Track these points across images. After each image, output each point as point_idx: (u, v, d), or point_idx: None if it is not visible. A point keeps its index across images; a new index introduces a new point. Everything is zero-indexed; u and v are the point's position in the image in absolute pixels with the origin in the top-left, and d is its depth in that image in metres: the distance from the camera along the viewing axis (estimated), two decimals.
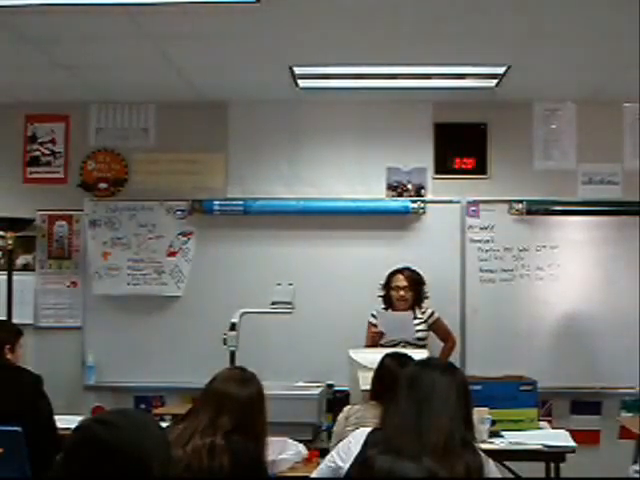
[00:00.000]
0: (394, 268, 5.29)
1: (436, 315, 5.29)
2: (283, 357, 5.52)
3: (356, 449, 2.59)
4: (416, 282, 5.25)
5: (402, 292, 5.20)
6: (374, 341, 5.09)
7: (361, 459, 1.63)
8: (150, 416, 2.02)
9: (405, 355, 3.66)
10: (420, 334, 5.15)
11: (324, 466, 2.90)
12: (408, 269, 5.28)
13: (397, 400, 2.47)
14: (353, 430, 3.33)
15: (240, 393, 2.78)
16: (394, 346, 4.92)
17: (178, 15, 4.08)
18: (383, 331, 5.07)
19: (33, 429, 3.46)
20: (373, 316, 5.26)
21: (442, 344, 5.34)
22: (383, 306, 5.29)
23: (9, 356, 3.86)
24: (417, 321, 5.19)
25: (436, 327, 5.31)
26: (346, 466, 2.67)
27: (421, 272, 5.28)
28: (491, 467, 2.49)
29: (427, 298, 5.30)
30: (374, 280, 5.47)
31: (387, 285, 5.27)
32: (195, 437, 2.67)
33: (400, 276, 5.24)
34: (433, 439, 2.32)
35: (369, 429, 2.67)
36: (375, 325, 5.21)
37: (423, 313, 5.25)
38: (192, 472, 2.59)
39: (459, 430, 2.37)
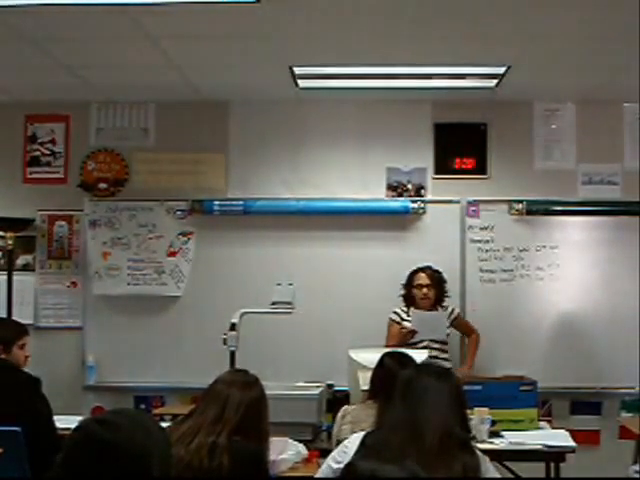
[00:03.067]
0: (416, 267, 5.33)
1: (457, 311, 5.38)
2: (283, 357, 5.52)
3: (352, 451, 2.61)
4: (438, 280, 5.30)
5: (425, 290, 5.24)
6: (404, 339, 5.09)
7: (347, 463, 1.66)
8: (150, 416, 2.02)
9: (405, 355, 3.67)
10: (446, 331, 5.22)
11: (323, 469, 2.93)
12: (430, 268, 5.33)
13: (393, 403, 2.50)
14: (349, 428, 3.36)
15: (244, 396, 2.81)
16: (417, 344, 5.00)
17: (178, 15, 4.08)
18: (416, 330, 5.10)
19: (32, 430, 3.45)
20: (395, 313, 5.28)
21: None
22: (404, 306, 5.31)
23: (3, 355, 3.81)
24: None
25: (457, 323, 5.38)
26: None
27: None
28: (489, 467, 2.50)
29: (448, 297, 5.33)
30: (374, 280, 5.48)
31: (409, 284, 5.29)
32: (200, 435, 2.69)
33: (423, 274, 5.28)
34: (429, 438, 2.33)
35: (365, 432, 2.69)
36: (398, 323, 5.23)
37: (445, 311, 5.28)
38: (192, 471, 2.60)
39: (455, 430, 2.39)
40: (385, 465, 1.59)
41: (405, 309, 5.31)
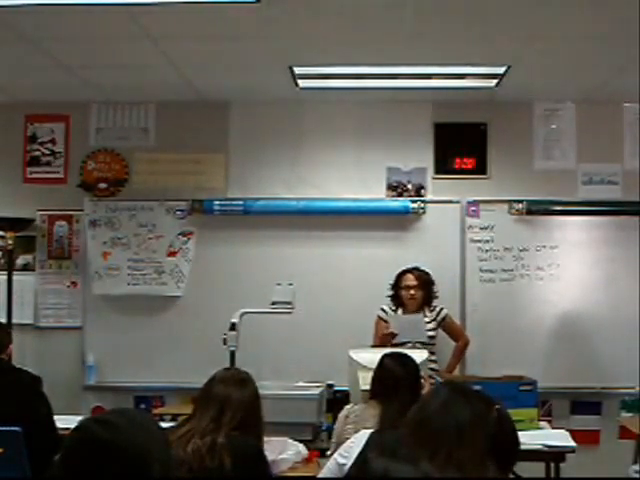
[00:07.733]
0: (403, 268, 5.30)
1: (444, 312, 5.32)
2: (283, 357, 5.52)
3: (357, 449, 2.62)
4: (426, 282, 5.28)
5: (412, 291, 5.22)
6: (384, 341, 5.05)
7: (359, 461, 1.65)
8: (150, 416, 2.02)
9: (405, 355, 3.66)
10: (430, 333, 5.19)
11: (327, 468, 2.93)
12: (417, 269, 5.31)
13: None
14: (352, 428, 3.36)
15: (241, 394, 2.84)
16: (402, 345, 4.95)
17: (178, 15, 4.09)
18: (395, 332, 5.07)
19: (32, 430, 3.45)
20: (383, 310, 5.28)
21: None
22: (392, 306, 5.31)
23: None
24: (427, 319, 5.21)
25: (446, 325, 5.33)
26: (348, 463, 2.71)
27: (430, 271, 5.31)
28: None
29: (437, 297, 5.32)
30: (374, 280, 5.47)
31: (396, 285, 5.28)
32: (198, 436, 2.70)
33: (410, 275, 5.27)
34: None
35: (370, 431, 2.69)
36: (385, 321, 5.21)
37: (432, 311, 5.27)
38: (194, 472, 2.60)
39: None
40: (399, 464, 1.58)
41: (394, 308, 5.30)
